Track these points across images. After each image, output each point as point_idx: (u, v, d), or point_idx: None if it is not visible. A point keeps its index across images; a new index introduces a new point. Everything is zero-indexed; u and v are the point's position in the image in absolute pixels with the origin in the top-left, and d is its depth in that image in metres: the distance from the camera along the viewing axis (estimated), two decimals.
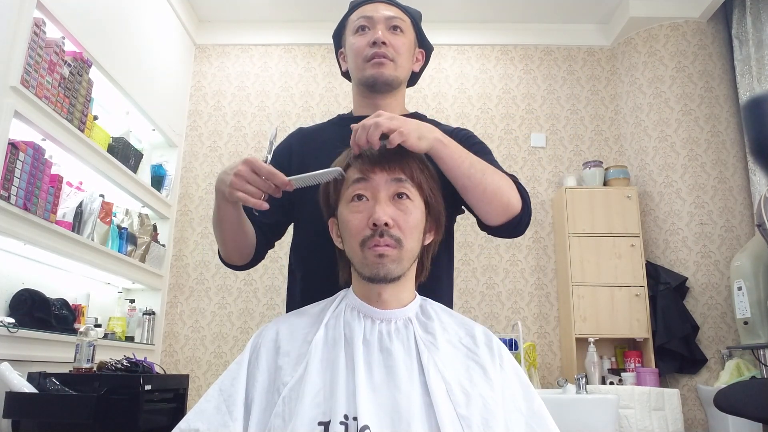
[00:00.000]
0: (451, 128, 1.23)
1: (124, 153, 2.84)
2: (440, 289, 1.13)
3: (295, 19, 3.84)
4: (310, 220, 1.11)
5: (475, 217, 1.07)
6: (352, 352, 0.87)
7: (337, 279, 1.02)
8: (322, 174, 0.95)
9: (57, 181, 2.22)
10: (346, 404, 0.80)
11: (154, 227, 3.25)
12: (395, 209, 0.91)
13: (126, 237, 2.86)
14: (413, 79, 1.30)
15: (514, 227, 1.04)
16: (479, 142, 1.20)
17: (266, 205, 0.94)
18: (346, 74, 1.28)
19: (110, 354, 2.47)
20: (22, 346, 2.07)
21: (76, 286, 2.66)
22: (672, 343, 3.04)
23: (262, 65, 3.84)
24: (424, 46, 1.29)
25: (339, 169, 0.95)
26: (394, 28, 1.18)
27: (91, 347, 2.16)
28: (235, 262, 1.16)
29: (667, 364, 3.08)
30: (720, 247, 3.19)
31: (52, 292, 2.40)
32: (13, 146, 1.96)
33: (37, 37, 2.11)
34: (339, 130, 1.17)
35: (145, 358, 2.35)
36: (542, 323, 3.40)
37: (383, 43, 1.15)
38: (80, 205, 2.47)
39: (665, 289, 3.12)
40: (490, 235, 1.10)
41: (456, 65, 3.82)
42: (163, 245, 3.32)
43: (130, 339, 3.02)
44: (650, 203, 3.41)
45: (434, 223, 0.99)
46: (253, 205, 0.93)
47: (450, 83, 3.79)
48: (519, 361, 2.39)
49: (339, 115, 1.30)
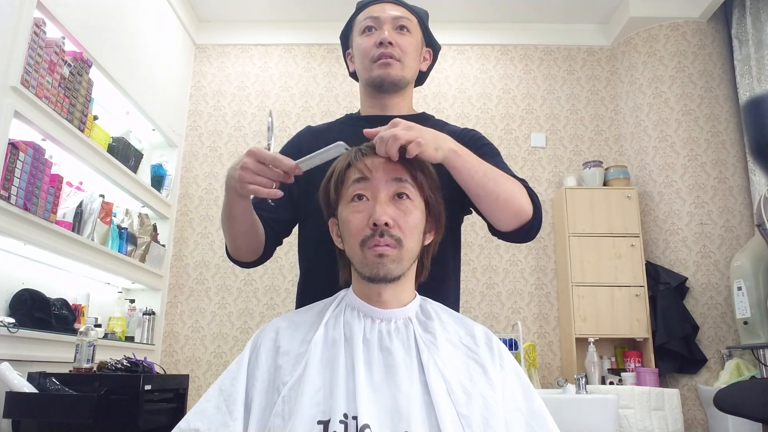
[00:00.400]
0: (459, 129, 1.22)
1: (124, 153, 2.84)
2: (446, 290, 1.13)
3: (295, 19, 3.84)
4: (313, 219, 1.11)
5: (486, 223, 1.07)
6: (352, 352, 0.87)
7: (337, 279, 1.02)
8: (327, 151, 0.93)
9: (57, 181, 2.22)
10: (346, 403, 0.80)
11: (154, 227, 3.25)
12: (395, 209, 0.91)
13: (126, 237, 2.86)
14: (421, 78, 1.29)
15: (526, 232, 1.04)
16: (488, 144, 1.19)
17: (280, 193, 0.93)
18: (353, 75, 1.28)
19: (110, 354, 2.47)
20: (22, 346, 2.07)
21: (76, 286, 2.66)
22: (672, 343, 3.04)
23: (262, 65, 3.85)
24: (432, 46, 1.28)
25: (342, 144, 0.93)
26: (401, 27, 1.18)
27: (91, 347, 2.16)
28: (243, 259, 1.14)
29: (667, 364, 3.09)
30: (720, 247, 3.19)
31: (52, 292, 2.40)
32: (13, 146, 1.96)
33: (37, 37, 2.11)
34: (348, 129, 1.17)
35: (145, 358, 2.35)
36: (542, 323, 3.40)
37: (390, 44, 1.15)
38: (80, 205, 2.47)
39: (665, 289, 3.12)
40: (495, 238, 1.09)
41: (456, 65, 3.82)
42: (163, 245, 3.32)
43: (130, 339, 3.02)
44: (650, 203, 3.41)
45: (434, 223, 0.99)
46: (267, 195, 0.93)
47: (450, 83, 3.79)
48: (519, 361, 2.40)
49: (347, 115, 1.29)
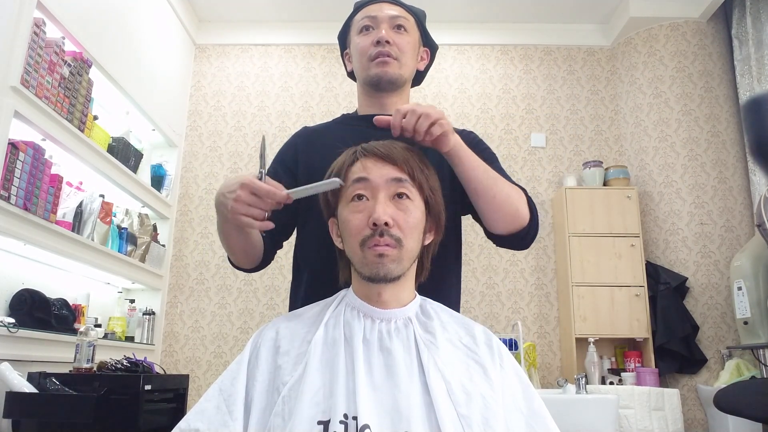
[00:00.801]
0: (458, 130, 1.22)
1: (124, 153, 2.84)
2: (449, 290, 1.14)
3: (295, 19, 3.84)
4: (313, 218, 1.12)
5: (482, 227, 1.09)
6: (352, 352, 0.87)
7: (337, 279, 1.02)
8: (321, 185, 0.94)
9: (57, 181, 2.22)
10: (346, 403, 0.80)
11: (154, 227, 3.25)
12: (395, 209, 0.91)
13: (126, 237, 2.86)
14: (418, 78, 1.29)
15: (520, 239, 1.06)
16: (488, 148, 1.20)
17: (271, 225, 0.95)
18: (351, 74, 1.28)
19: (110, 354, 2.47)
20: (22, 346, 2.07)
21: (76, 286, 2.66)
22: (672, 343, 3.04)
23: (262, 65, 3.85)
24: (429, 45, 1.28)
25: (338, 180, 0.94)
26: (398, 27, 1.18)
27: (91, 347, 2.16)
28: (244, 267, 1.17)
29: (667, 364, 3.08)
30: (720, 247, 3.19)
31: (52, 292, 2.40)
32: (13, 146, 1.96)
33: (37, 37, 2.11)
34: (344, 129, 1.17)
35: (145, 358, 2.35)
36: (542, 323, 3.40)
37: (387, 42, 1.15)
38: (80, 205, 2.47)
39: (665, 289, 3.12)
40: (495, 245, 1.11)
41: (456, 65, 3.82)
42: (163, 245, 3.32)
43: (130, 339, 3.02)
44: (650, 203, 3.41)
45: (434, 223, 0.99)
46: (259, 227, 0.94)
47: (450, 83, 3.79)
48: (519, 361, 2.40)
49: (343, 115, 1.29)
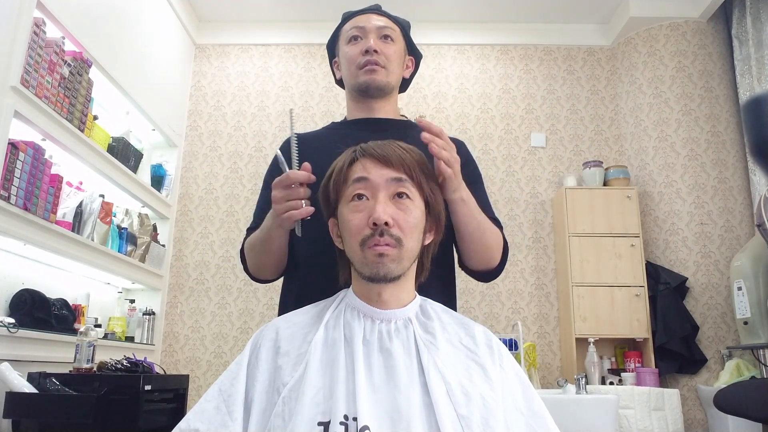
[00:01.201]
0: (452, 138, 1.24)
1: (124, 153, 2.84)
2: (450, 290, 1.19)
3: (295, 19, 3.84)
4: (313, 219, 1.12)
5: (457, 254, 1.19)
6: (352, 352, 0.87)
7: (337, 279, 1.02)
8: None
9: (57, 181, 2.22)
10: (346, 404, 0.80)
11: (154, 227, 3.25)
12: (395, 208, 0.91)
13: (126, 237, 2.86)
14: (404, 85, 1.35)
15: (484, 276, 1.18)
16: (476, 168, 1.25)
17: (312, 209, 0.99)
18: (339, 82, 1.34)
19: (110, 354, 2.47)
20: (22, 346, 2.07)
21: (76, 286, 2.66)
22: (672, 343, 3.04)
23: (262, 65, 3.84)
24: (414, 54, 1.34)
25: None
26: (385, 37, 1.24)
27: (91, 347, 2.16)
28: (268, 278, 1.21)
29: (667, 364, 3.08)
30: (720, 247, 3.19)
31: (52, 292, 2.40)
32: (13, 146, 1.96)
33: (37, 37, 2.11)
34: (335, 134, 1.20)
35: (145, 358, 2.35)
36: (542, 323, 3.40)
37: (375, 51, 1.20)
38: (80, 205, 2.47)
39: (665, 289, 3.12)
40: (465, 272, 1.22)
41: (456, 65, 3.82)
42: (163, 245, 3.32)
43: (130, 339, 3.02)
44: (650, 203, 3.41)
45: (434, 223, 0.99)
46: (303, 214, 0.98)
47: (450, 83, 3.79)
48: (519, 361, 2.40)
49: (332, 122, 1.34)
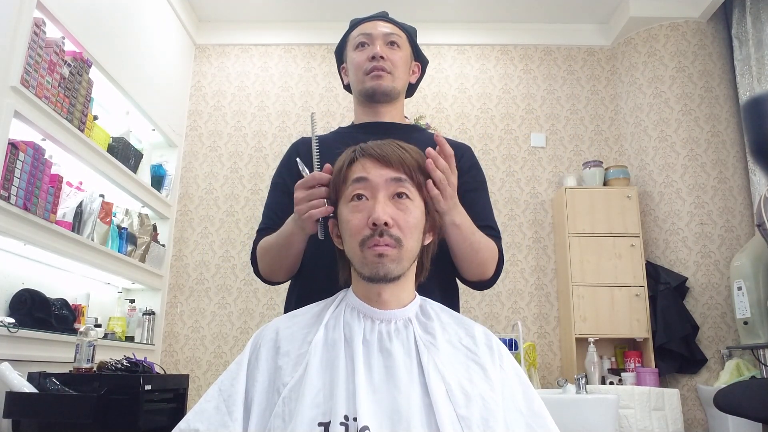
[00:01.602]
0: (458, 142, 1.27)
1: (124, 153, 2.84)
2: (455, 290, 1.20)
3: (295, 19, 3.84)
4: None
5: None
6: (352, 353, 0.87)
7: (337, 279, 1.02)
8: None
9: (57, 181, 2.22)
10: (346, 405, 0.80)
11: (154, 227, 3.25)
12: (395, 209, 0.91)
13: (126, 237, 2.86)
14: (410, 90, 1.37)
15: (477, 286, 1.19)
16: (479, 174, 1.25)
17: (332, 208, 0.99)
18: (347, 87, 1.36)
19: (110, 354, 2.47)
20: (22, 346, 2.07)
21: (76, 286, 2.66)
22: (672, 343, 3.04)
23: (262, 65, 3.85)
24: (420, 60, 1.37)
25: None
26: (392, 43, 1.26)
27: (91, 347, 2.16)
28: (280, 280, 1.20)
29: (667, 364, 3.08)
30: (720, 247, 3.19)
31: (52, 292, 2.40)
32: (13, 146, 1.96)
33: (37, 37, 2.11)
34: (342, 137, 1.21)
35: (145, 358, 2.35)
36: (542, 323, 3.40)
37: (381, 58, 1.23)
38: (80, 205, 2.47)
39: (665, 289, 3.12)
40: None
41: (456, 65, 3.82)
42: (163, 245, 3.32)
43: (130, 339, 3.02)
44: (650, 203, 3.41)
45: (434, 223, 0.99)
46: (323, 213, 0.98)
47: (450, 83, 3.79)
48: (519, 361, 2.39)
49: (339, 127, 1.35)
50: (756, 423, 2.56)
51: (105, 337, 2.73)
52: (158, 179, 3.33)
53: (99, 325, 2.69)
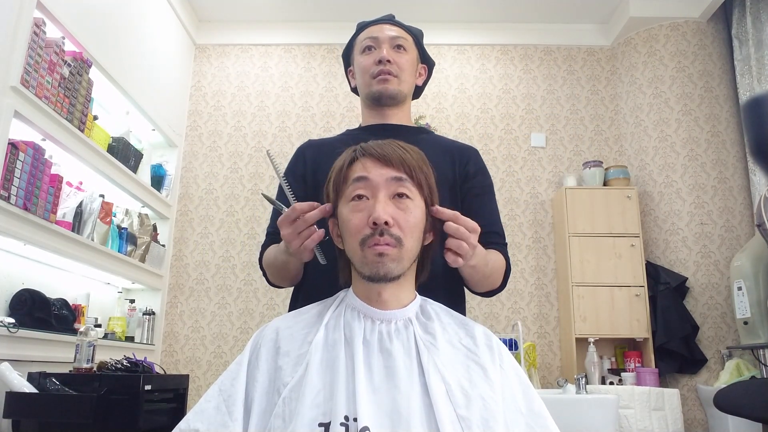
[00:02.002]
0: (460, 145, 1.28)
1: (124, 153, 2.84)
2: (462, 290, 1.19)
3: (295, 19, 3.84)
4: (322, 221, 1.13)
5: None
6: (352, 353, 0.86)
7: (337, 279, 1.02)
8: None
9: (57, 181, 2.22)
10: (347, 405, 0.80)
11: (154, 227, 3.25)
12: (395, 208, 0.91)
13: (126, 237, 2.86)
14: (417, 92, 1.38)
15: (486, 295, 1.21)
16: (487, 178, 1.25)
17: (322, 232, 0.99)
18: (354, 90, 1.36)
19: (110, 354, 2.47)
20: (22, 346, 2.07)
21: (76, 286, 2.66)
22: (672, 343, 3.04)
23: (262, 65, 3.85)
24: (427, 62, 1.37)
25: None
26: (398, 47, 1.27)
27: (91, 347, 2.16)
28: (287, 287, 1.23)
29: (667, 364, 3.08)
30: (720, 247, 3.19)
31: (52, 292, 2.40)
32: (13, 146, 1.96)
33: (37, 37, 2.11)
34: (350, 139, 1.21)
35: (145, 358, 2.35)
36: (542, 323, 3.40)
37: (388, 61, 1.24)
38: (80, 205, 2.47)
39: (665, 289, 3.12)
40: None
41: (456, 65, 3.82)
42: (163, 245, 3.32)
43: (130, 339, 3.02)
44: (650, 203, 3.41)
45: (434, 223, 0.99)
46: (316, 240, 0.98)
47: (450, 83, 3.79)
48: (519, 361, 2.39)
49: (347, 130, 1.36)
50: (756, 423, 2.56)
51: (105, 337, 2.73)
52: (158, 179, 3.33)
53: (99, 325, 2.69)
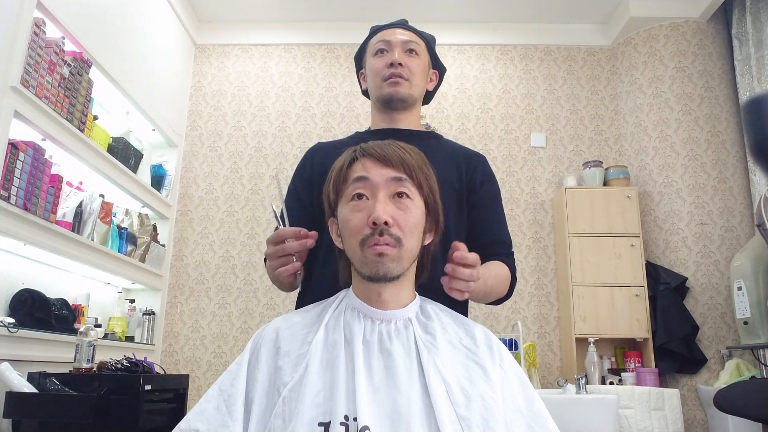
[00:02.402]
0: (469, 152, 1.29)
1: (124, 153, 2.84)
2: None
3: (295, 19, 3.84)
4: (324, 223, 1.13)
5: None
6: (352, 353, 0.87)
7: (337, 279, 1.02)
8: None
9: (57, 181, 2.22)
10: (346, 405, 0.80)
11: (154, 227, 3.25)
12: (395, 208, 0.91)
13: (126, 237, 2.86)
14: (428, 97, 1.38)
15: (492, 304, 1.23)
16: (494, 185, 1.26)
17: (299, 265, 1.03)
18: (365, 93, 1.37)
19: (110, 354, 2.47)
20: (22, 346, 2.07)
21: (76, 286, 2.66)
22: (672, 343, 3.04)
23: (262, 65, 3.84)
24: (438, 68, 1.38)
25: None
26: (410, 51, 1.28)
27: (91, 347, 2.16)
28: (285, 291, 1.23)
29: (667, 364, 3.08)
30: (720, 247, 3.19)
31: (52, 292, 2.40)
32: (13, 146, 1.96)
33: (37, 37, 2.11)
34: (356, 142, 1.20)
35: (145, 358, 2.35)
36: (542, 323, 3.40)
37: (399, 65, 1.25)
38: (80, 205, 2.47)
39: (665, 289, 3.12)
40: None
41: (456, 65, 3.82)
42: (163, 245, 3.32)
43: (130, 339, 3.02)
44: (650, 203, 3.41)
45: (434, 223, 0.99)
46: (289, 272, 1.02)
47: (450, 83, 3.79)
48: (519, 361, 2.39)
49: (356, 132, 1.36)
50: (756, 423, 2.56)
51: (105, 337, 2.73)
52: (158, 179, 3.33)
53: (99, 325, 2.69)
